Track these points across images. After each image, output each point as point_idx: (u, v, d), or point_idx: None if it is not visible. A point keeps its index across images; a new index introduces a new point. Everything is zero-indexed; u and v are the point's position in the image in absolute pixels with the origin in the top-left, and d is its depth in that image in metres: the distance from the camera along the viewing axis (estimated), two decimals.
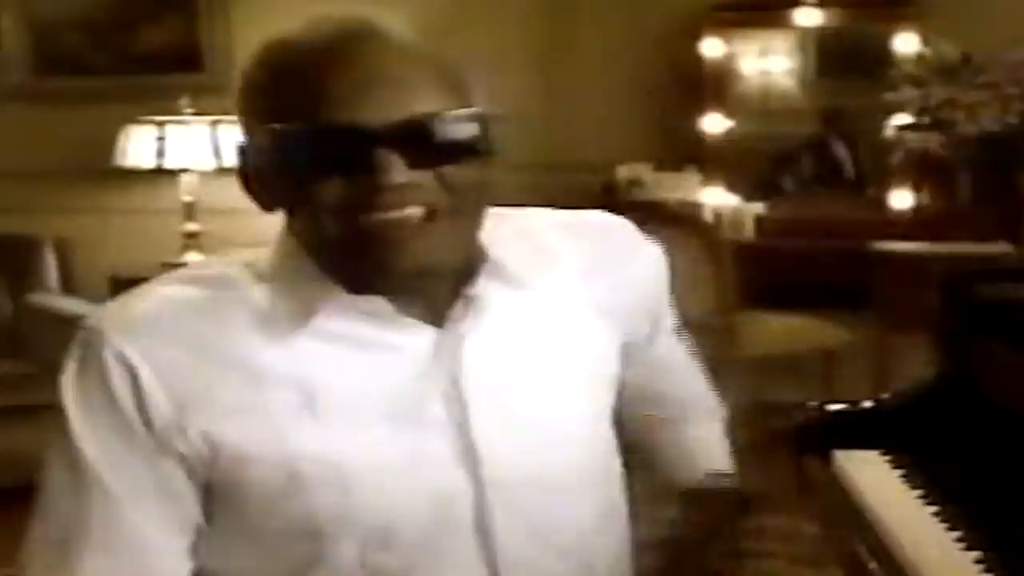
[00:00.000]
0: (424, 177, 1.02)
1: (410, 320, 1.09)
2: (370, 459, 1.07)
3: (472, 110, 1.06)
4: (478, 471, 1.11)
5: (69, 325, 4.25)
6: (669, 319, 1.34)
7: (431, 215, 1.03)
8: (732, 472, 1.36)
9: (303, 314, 1.07)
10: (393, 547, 1.08)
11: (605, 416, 1.23)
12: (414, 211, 1.02)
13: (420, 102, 1.01)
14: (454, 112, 1.03)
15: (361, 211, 1.01)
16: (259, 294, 1.09)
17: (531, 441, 1.14)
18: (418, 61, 1.04)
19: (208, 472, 1.06)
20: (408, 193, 1.01)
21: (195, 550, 1.10)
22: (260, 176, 1.08)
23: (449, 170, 1.03)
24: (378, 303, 1.08)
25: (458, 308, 1.11)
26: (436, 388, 1.10)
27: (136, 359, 1.04)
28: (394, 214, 1.01)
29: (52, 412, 1.07)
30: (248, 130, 1.08)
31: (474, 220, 1.09)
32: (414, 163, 1.01)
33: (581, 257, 1.21)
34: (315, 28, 1.05)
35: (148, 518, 1.06)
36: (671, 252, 1.32)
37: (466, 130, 1.04)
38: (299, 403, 1.06)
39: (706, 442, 1.39)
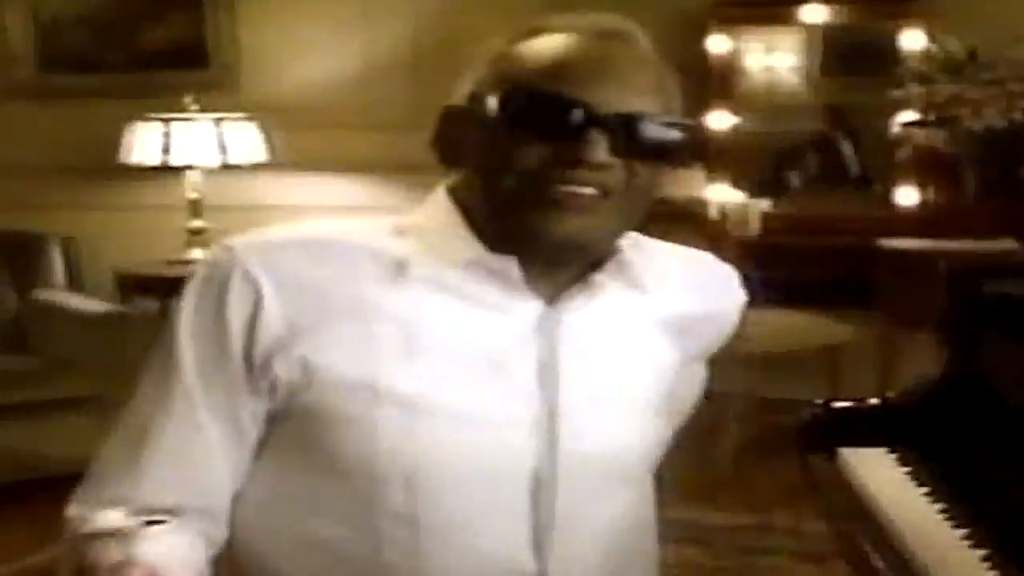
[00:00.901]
0: (616, 165, 1.12)
1: (528, 291, 1.16)
2: (447, 405, 1.13)
3: (679, 120, 1.16)
4: (555, 443, 1.16)
5: (74, 322, 4.23)
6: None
7: (604, 197, 1.12)
8: None
9: (430, 261, 1.15)
10: (439, 502, 1.12)
11: (651, 422, 1.28)
12: (594, 190, 1.12)
13: (639, 101, 1.13)
14: (664, 118, 1.14)
15: (554, 176, 1.11)
16: (393, 244, 1.17)
17: (605, 426, 1.21)
18: (648, 67, 1.16)
19: (291, 397, 1.12)
20: (599, 173, 1.11)
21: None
22: (461, 134, 1.17)
23: (639, 167, 1.13)
24: (509, 265, 1.15)
25: (575, 290, 1.19)
26: (533, 357, 1.17)
27: (263, 277, 1.12)
28: (580, 188, 1.11)
29: (163, 320, 1.16)
30: (480, 90, 1.16)
31: (633, 219, 1.18)
32: (614, 149, 1.11)
33: (687, 281, 1.31)
34: (577, 17, 1.17)
35: (218, 437, 1.13)
36: None
37: (668, 135, 1.14)
38: (399, 341, 1.13)
39: None
